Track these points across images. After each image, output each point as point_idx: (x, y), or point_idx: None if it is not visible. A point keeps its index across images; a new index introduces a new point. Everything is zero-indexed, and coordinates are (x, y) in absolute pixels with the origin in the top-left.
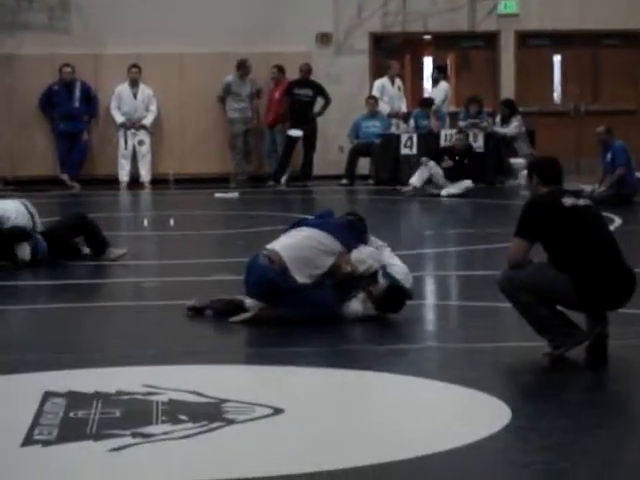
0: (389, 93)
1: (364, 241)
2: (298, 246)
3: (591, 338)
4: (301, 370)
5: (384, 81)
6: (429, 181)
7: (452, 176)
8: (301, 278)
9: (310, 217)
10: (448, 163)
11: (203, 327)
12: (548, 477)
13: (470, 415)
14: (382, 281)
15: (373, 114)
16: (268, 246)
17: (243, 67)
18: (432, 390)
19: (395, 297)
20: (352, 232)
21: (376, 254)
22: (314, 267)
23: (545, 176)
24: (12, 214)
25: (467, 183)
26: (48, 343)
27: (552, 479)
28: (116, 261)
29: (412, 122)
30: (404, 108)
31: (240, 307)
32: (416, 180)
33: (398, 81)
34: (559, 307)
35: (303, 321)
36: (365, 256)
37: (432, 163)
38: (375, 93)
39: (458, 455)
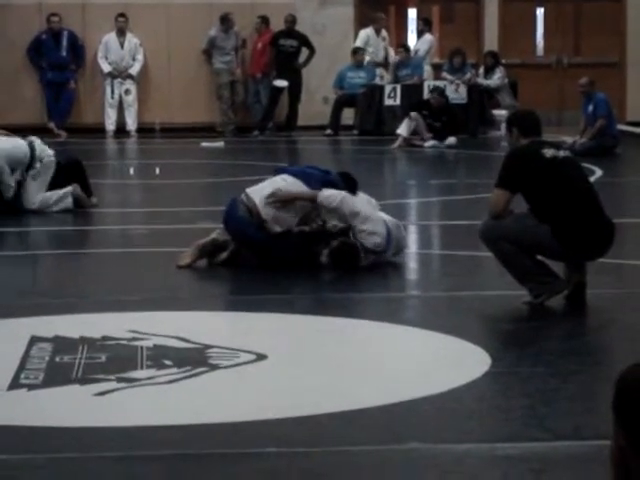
0: (374, 44)
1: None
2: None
3: (570, 287)
4: (284, 317)
5: (369, 32)
6: (414, 132)
7: (433, 131)
8: (278, 228)
9: (298, 167)
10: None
11: (188, 274)
12: (528, 422)
13: (450, 362)
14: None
15: (358, 65)
16: (248, 191)
17: (226, 20)
18: (413, 337)
19: (347, 253)
20: (336, 187)
21: (371, 203)
22: (289, 217)
23: (525, 128)
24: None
25: (450, 140)
26: (34, 289)
27: (532, 424)
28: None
29: (390, 72)
30: (391, 58)
31: (221, 247)
32: (403, 130)
33: (383, 32)
34: (539, 256)
35: (287, 268)
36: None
37: (416, 114)
38: (359, 44)
39: (438, 400)
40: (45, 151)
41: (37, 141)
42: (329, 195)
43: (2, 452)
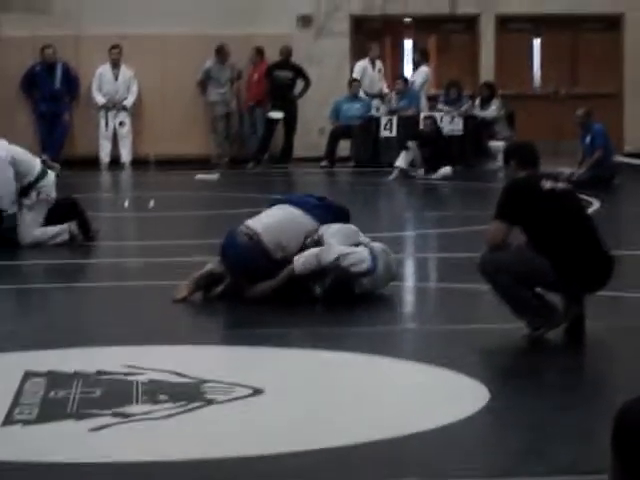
0: (370, 75)
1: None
2: (279, 226)
3: (569, 320)
4: (281, 351)
5: (365, 63)
6: (411, 164)
7: (428, 162)
8: (280, 254)
9: (294, 195)
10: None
11: (183, 307)
12: (526, 458)
13: (448, 396)
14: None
15: (354, 96)
16: (248, 223)
17: (222, 52)
18: (410, 371)
19: (340, 289)
20: (331, 214)
21: (348, 233)
22: (292, 246)
23: (523, 160)
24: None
25: (445, 170)
26: (28, 323)
27: (530, 460)
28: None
29: (391, 101)
30: (385, 90)
31: (217, 279)
32: (400, 162)
33: (379, 63)
34: (538, 289)
35: (281, 301)
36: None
37: (413, 144)
38: (356, 75)
39: (436, 435)
40: (51, 188)
41: (52, 175)
42: (304, 261)
43: None
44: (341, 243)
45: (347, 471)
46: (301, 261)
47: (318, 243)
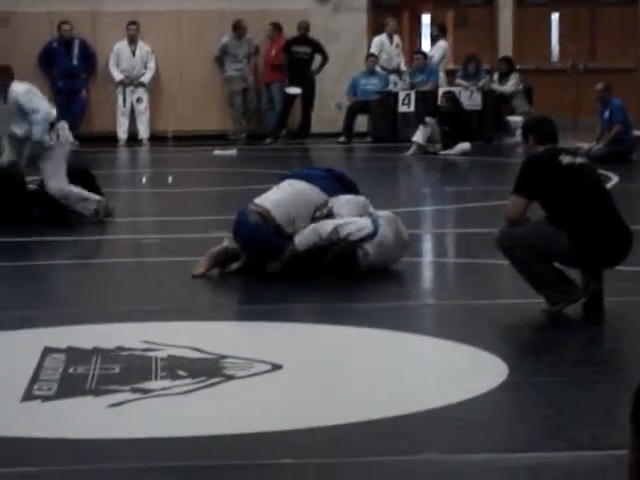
0: (387, 50)
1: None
2: (288, 201)
3: (587, 295)
4: (299, 326)
5: (382, 38)
6: (429, 139)
7: (447, 137)
8: (292, 230)
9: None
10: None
11: (201, 283)
12: (545, 432)
13: (467, 371)
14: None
15: (371, 72)
16: (257, 201)
17: (239, 28)
18: (429, 347)
19: (344, 260)
20: (339, 184)
21: (358, 204)
22: (302, 220)
23: (541, 135)
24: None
25: (462, 146)
26: (48, 299)
27: (550, 434)
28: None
29: (407, 80)
30: (402, 65)
31: (232, 255)
32: (418, 137)
33: (396, 38)
34: (556, 264)
35: (299, 277)
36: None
37: (431, 120)
38: (374, 50)
39: (455, 411)
40: (68, 133)
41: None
42: (302, 239)
43: (16, 464)
44: (351, 214)
45: (365, 447)
46: (299, 239)
47: (329, 216)
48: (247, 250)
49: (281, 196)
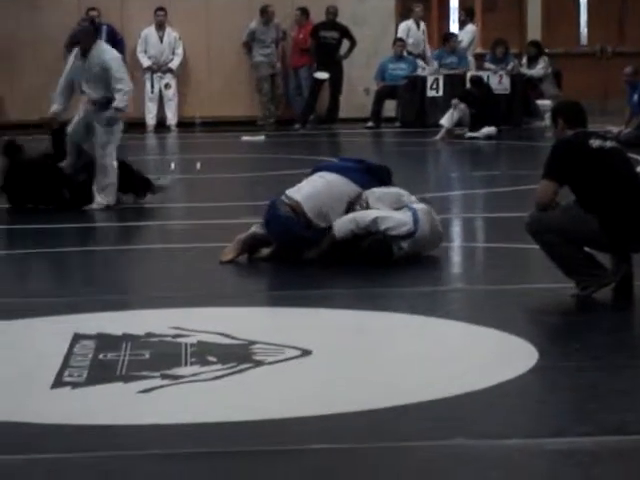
0: (414, 35)
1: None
2: (320, 195)
3: (617, 279)
4: (329, 312)
5: (409, 24)
6: (458, 123)
7: (474, 121)
8: (324, 224)
9: (332, 160)
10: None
11: (230, 270)
12: (576, 417)
13: (497, 356)
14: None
15: (399, 56)
16: (289, 193)
17: (267, 13)
18: (459, 332)
19: (378, 251)
20: (372, 176)
21: (392, 196)
22: (335, 214)
23: (570, 119)
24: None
25: (488, 130)
26: (78, 286)
27: (580, 418)
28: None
29: (435, 63)
30: (428, 51)
31: (261, 241)
32: (446, 121)
33: (422, 25)
34: (586, 248)
35: (329, 263)
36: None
37: (462, 105)
38: (401, 35)
39: (485, 395)
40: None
41: None
42: (341, 227)
43: (47, 451)
44: (387, 207)
45: (396, 432)
46: (338, 227)
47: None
48: (279, 242)
49: (313, 189)
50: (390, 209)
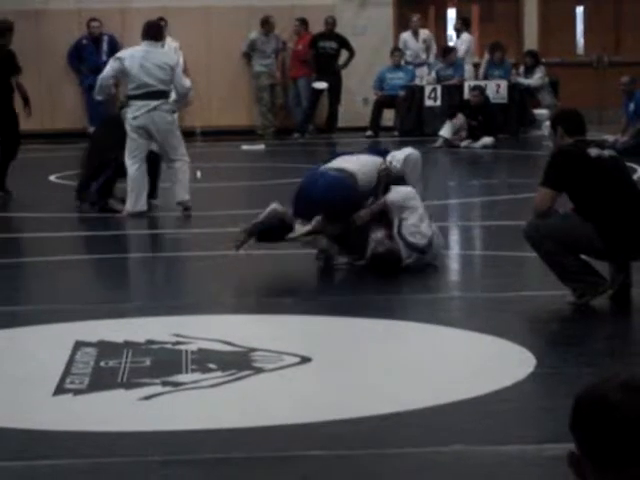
0: (412, 47)
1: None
2: (357, 164)
3: (615, 287)
4: (328, 319)
5: (406, 36)
6: (456, 133)
7: (471, 132)
8: (366, 188)
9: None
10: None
11: (231, 277)
12: None
13: (495, 363)
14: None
15: (398, 66)
16: (329, 166)
17: (267, 24)
18: (457, 338)
19: (388, 261)
20: (375, 152)
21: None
22: (370, 181)
23: (569, 127)
24: None
25: (486, 140)
26: (78, 293)
27: None
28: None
29: (434, 74)
30: (432, 59)
31: (280, 219)
32: (445, 132)
33: (423, 33)
34: (583, 256)
35: (329, 271)
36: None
37: (461, 115)
38: (399, 46)
39: (483, 402)
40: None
41: None
42: (396, 196)
43: (48, 457)
44: (409, 167)
45: (394, 438)
46: (395, 195)
47: (389, 169)
48: (320, 209)
49: (350, 162)
50: (412, 170)
